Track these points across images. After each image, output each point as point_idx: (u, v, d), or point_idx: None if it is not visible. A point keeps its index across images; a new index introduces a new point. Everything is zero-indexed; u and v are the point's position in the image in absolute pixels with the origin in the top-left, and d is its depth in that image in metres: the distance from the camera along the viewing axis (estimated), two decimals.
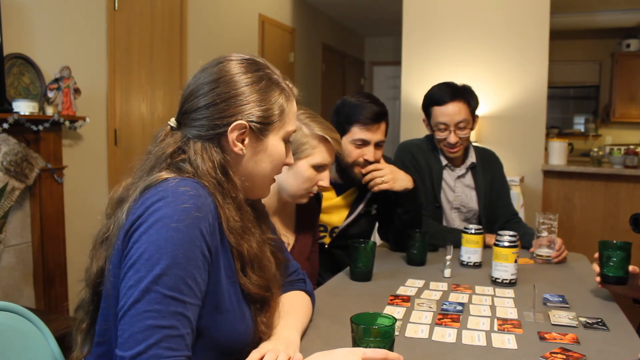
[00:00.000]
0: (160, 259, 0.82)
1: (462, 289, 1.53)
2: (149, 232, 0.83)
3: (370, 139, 1.78)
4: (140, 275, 0.81)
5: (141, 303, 0.80)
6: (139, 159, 1.01)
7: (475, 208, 2.18)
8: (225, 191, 0.96)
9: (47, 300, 2.64)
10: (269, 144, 1.01)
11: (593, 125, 6.98)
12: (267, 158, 1.02)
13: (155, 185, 0.90)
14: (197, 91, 0.98)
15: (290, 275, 1.22)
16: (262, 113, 0.98)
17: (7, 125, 2.31)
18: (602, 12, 6.00)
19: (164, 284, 0.81)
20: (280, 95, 1.02)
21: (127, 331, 0.80)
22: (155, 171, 0.94)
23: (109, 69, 3.13)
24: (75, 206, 2.85)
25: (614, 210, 3.96)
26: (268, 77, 1.01)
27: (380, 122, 1.79)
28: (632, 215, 1.74)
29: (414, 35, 4.33)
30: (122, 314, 0.81)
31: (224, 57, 1.01)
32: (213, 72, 0.99)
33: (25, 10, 2.59)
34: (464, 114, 2.03)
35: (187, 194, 0.87)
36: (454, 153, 2.10)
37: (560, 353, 1.07)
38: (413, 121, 4.20)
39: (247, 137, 0.98)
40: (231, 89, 0.97)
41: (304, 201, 1.54)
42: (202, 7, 4.03)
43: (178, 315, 0.82)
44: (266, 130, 1.00)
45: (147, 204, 0.86)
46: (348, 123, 1.78)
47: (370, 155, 1.78)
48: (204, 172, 0.94)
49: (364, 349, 0.87)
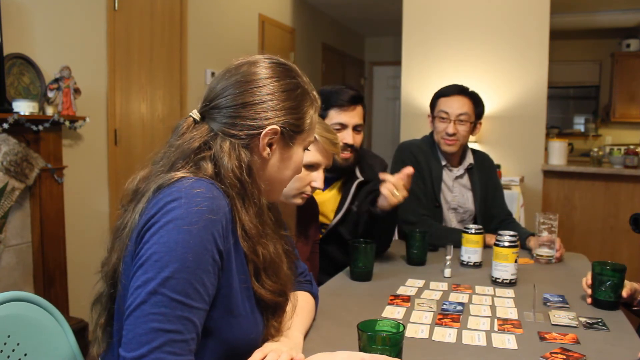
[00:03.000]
0: (169, 262, 0.81)
1: (462, 289, 1.53)
2: (160, 233, 0.82)
3: (347, 122, 1.82)
4: (148, 277, 0.81)
5: (147, 305, 0.79)
6: (157, 151, 0.99)
7: (472, 209, 2.20)
8: (247, 194, 0.94)
9: (47, 300, 2.62)
10: (294, 152, 1.02)
11: (593, 125, 6.98)
12: (291, 165, 1.02)
13: (169, 185, 0.88)
14: (228, 88, 0.96)
15: (298, 276, 1.22)
16: (294, 121, 0.98)
17: (7, 125, 2.31)
18: (602, 12, 6.00)
19: (171, 287, 0.80)
20: (311, 107, 1.02)
21: (131, 332, 0.79)
22: (177, 166, 0.93)
23: (109, 69, 3.13)
24: (75, 206, 2.85)
25: (614, 210, 3.96)
26: (302, 86, 1.01)
27: (356, 105, 1.83)
28: (632, 215, 1.74)
29: (414, 35, 4.33)
30: (128, 313, 0.81)
31: (258, 58, 1.00)
32: (247, 73, 0.97)
33: (25, 10, 2.59)
34: (466, 108, 2.10)
35: (201, 196, 0.85)
36: (450, 146, 2.12)
37: (560, 353, 1.07)
38: (413, 121, 4.20)
39: (276, 143, 0.98)
40: (266, 91, 0.96)
41: (298, 202, 1.53)
42: (202, 7, 4.03)
43: (184, 320, 0.81)
44: (295, 138, 1.00)
45: (160, 204, 0.85)
46: (325, 109, 1.82)
47: (349, 138, 1.82)
48: (227, 170, 0.92)
49: (364, 355, 0.86)
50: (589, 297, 1.41)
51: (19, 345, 0.99)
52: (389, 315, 1.30)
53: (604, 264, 1.39)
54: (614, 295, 1.36)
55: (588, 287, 1.41)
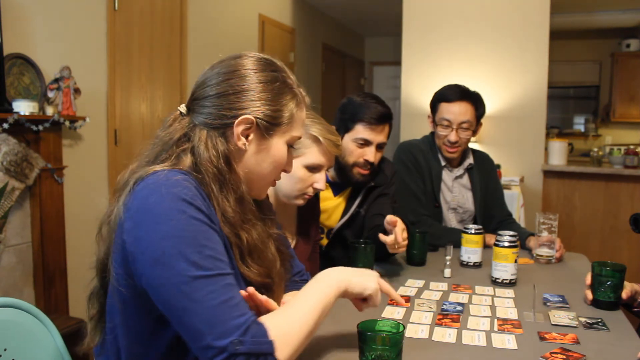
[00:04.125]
0: (172, 251, 0.82)
1: (462, 289, 1.53)
2: (154, 229, 0.84)
3: (372, 140, 1.76)
4: (168, 274, 0.82)
5: (187, 299, 0.81)
6: (146, 144, 1.01)
7: (472, 209, 2.20)
8: (225, 182, 0.95)
9: (47, 300, 2.64)
10: (273, 145, 1.01)
11: (593, 125, 6.98)
12: (269, 158, 1.01)
13: (146, 177, 0.90)
14: (211, 79, 0.99)
15: (295, 275, 1.23)
16: (270, 112, 0.98)
17: (7, 125, 2.31)
18: (602, 12, 6.00)
19: (187, 271, 0.82)
20: (292, 100, 1.02)
21: (200, 323, 0.81)
22: (160, 158, 0.95)
23: (109, 69, 3.12)
24: (75, 206, 2.85)
25: (614, 210, 3.96)
26: (283, 79, 1.01)
27: (384, 124, 1.77)
28: (632, 215, 1.74)
29: (414, 35, 4.33)
30: (176, 315, 0.82)
31: (244, 53, 1.02)
32: (229, 65, 0.99)
33: (25, 10, 2.59)
34: (468, 116, 2.07)
35: (179, 184, 0.87)
36: (452, 153, 2.13)
37: (560, 353, 1.07)
38: (413, 121, 4.20)
39: (252, 134, 0.98)
40: (244, 82, 0.97)
41: (299, 203, 1.52)
42: (202, 7, 4.03)
43: (225, 287, 0.83)
44: (272, 130, 0.99)
45: (140, 196, 0.87)
46: (352, 121, 1.77)
47: (371, 156, 1.76)
48: (205, 159, 0.94)
49: (378, 275, 1.02)
50: (589, 297, 1.41)
51: (6, 351, 1.00)
52: (389, 316, 1.30)
53: (603, 264, 1.39)
54: (614, 295, 1.36)
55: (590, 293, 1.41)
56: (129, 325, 0.92)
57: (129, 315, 0.91)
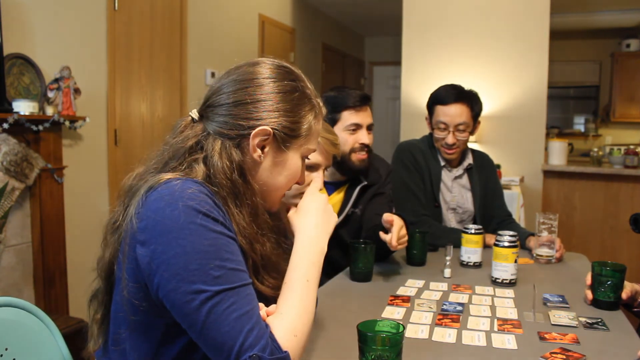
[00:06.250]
0: (193, 266, 0.81)
1: (462, 289, 1.53)
2: (174, 244, 0.81)
3: (362, 122, 1.82)
4: (190, 289, 0.80)
5: (208, 313, 0.80)
6: (155, 149, 0.98)
7: (471, 209, 2.20)
8: (240, 194, 0.92)
9: (47, 300, 2.64)
10: (289, 157, 0.97)
11: (593, 125, 6.98)
12: (285, 171, 0.98)
13: (158, 187, 0.86)
14: (227, 87, 0.95)
15: None
16: (289, 124, 0.94)
17: (7, 125, 2.31)
18: (602, 12, 6.00)
19: (214, 282, 0.81)
20: (310, 112, 0.98)
21: (216, 338, 0.80)
22: (170, 165, 0.92)
23: (109, 69, 3.13)
24: (75, 206, 2.85)
25: (614, 210, 3.96)
26: (302, 89, 0.98)
27: (367, 105, 1.85)
28: (632, 215, 1.74)
29: (414, 35, 4.33)
30: (197, 329, 0.81)
31: (261, 60, 0.99)
32: (246, 72, 0.95)
33: (25, 10, 2.59)
34: (464, 117, 2.07)
35: (194, 197, 0.84)
36: (450, 155, 2.14)
37: (560, 353, 1.07)
38: (413, 121, 4.21)
39: (269, 145, 0.95)
40: (262, 91, 0.93)
41: (297, 202, 1.52)
42: (202, 7, 4.03)
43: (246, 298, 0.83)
44: (289, 142, 0.96)
45: (153, 208, 0.84)
46: (337, 112, 1.82)
47: (364, 138, 1.82)
48: (218, 170, 0.90)
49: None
50: (589, 296, 1.41)
51: (7, 350, 0.99)
52: (388, 316, 1.30)
53: (603, 264, 1.39)
54: (614, 295, 1.36)
55: (590, 292, 1.41)
56: (138, 335, 0.89)
57: (138, 326, 0.89)
